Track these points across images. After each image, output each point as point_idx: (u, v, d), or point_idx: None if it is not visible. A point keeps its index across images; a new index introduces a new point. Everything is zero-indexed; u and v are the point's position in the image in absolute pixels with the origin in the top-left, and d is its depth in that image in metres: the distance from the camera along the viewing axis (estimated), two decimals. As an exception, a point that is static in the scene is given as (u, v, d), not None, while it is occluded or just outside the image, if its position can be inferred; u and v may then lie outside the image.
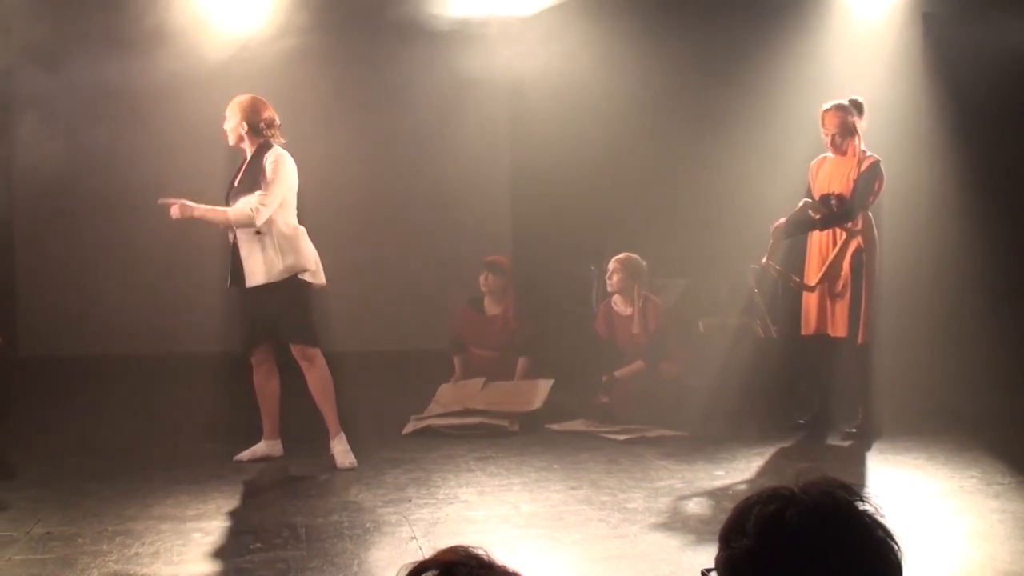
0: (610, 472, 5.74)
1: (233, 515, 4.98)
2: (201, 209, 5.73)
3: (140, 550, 4.38)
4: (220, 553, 4.38)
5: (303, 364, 5.87)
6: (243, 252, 5.77)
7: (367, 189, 8.32)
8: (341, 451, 5.85)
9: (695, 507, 5.11)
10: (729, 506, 1.61)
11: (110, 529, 4.64)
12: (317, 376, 5.87)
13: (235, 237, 5.80)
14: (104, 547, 4.40)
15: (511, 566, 1.49)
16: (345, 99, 8.11)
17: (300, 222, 5.89)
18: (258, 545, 4.46)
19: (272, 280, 5.73)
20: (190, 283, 7.63)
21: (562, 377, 7.28)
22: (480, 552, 1.49)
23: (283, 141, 5.86)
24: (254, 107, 5.80)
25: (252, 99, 5.83)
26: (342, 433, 5.90)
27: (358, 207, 8.26)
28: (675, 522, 4.82)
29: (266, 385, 5.99)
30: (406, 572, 1.48)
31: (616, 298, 7.30)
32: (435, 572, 1.46)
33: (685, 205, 8.06)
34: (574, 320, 7.94)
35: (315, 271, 5.87)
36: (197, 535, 4.62)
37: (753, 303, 6.88)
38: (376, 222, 8.34)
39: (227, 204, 5.80)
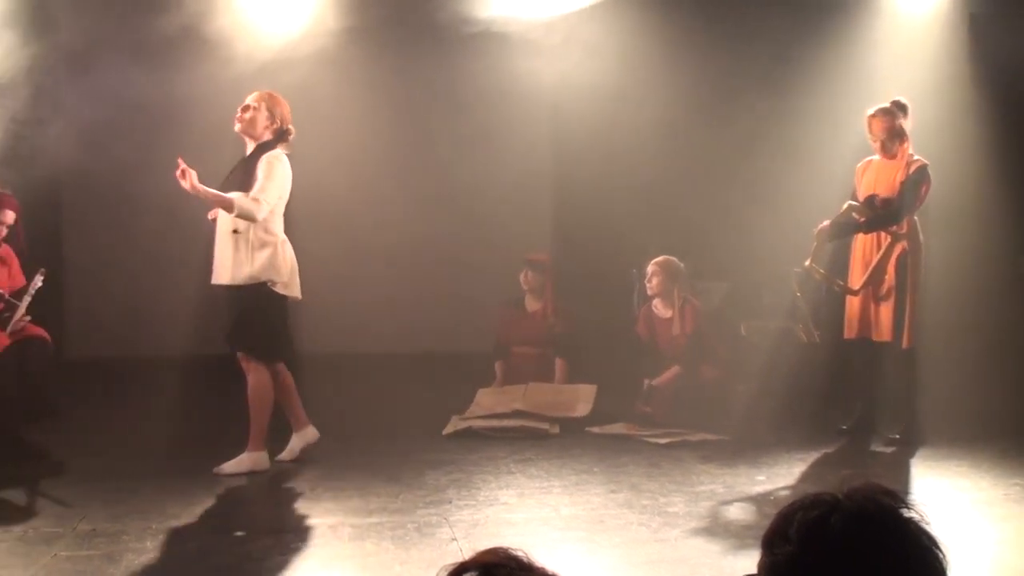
0: (651, 476, 5.72)
1: (274, 514, 5.02)
2: (209, 192, 5.50)
3: (183, 548, 4.43)
4: (261, 552, 4.41)
5: (244, 368, 5.76)
6: (216, 248, 5.69)
7: (407, 192, 8.34)
8: (233, 463, 5.69)
9: (737, 512, 5.07)
10: (771, 512, 1.61)
11: (154, 527, 4.69)
12: (250, 387, 5.74)
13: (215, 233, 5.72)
14: (148, 544, 4.45)
15: (551, 568, 1.49)
16: (383, 102, 8.14)
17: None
18: (299, 544, 4.49)
19: (236, 283, 5.61)
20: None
21: (603, 380, 7.27)
22: (520, 554, 1.49)
23: (288, 152, 5.79)
24: (287, 109, 5.79)
25: (286, 102, 5.81)
26: (255, 454, 5.74)
27: (399, 211, 8.28)
28: (716, 527, 4.80)
29: (277, 383, 5.89)
30: (446, 573, 1.49)
31: (656, 301, 7.30)
32: (475, 573, 1.47)
33: (728, 207, 8.02)
34: (615, 323, 7.92)
35: (288, 283, 5.70)
36: (239, 533, 4.66)
37: (796, 307, 6.81)
38: (415, 225, 8.36)
39: None
